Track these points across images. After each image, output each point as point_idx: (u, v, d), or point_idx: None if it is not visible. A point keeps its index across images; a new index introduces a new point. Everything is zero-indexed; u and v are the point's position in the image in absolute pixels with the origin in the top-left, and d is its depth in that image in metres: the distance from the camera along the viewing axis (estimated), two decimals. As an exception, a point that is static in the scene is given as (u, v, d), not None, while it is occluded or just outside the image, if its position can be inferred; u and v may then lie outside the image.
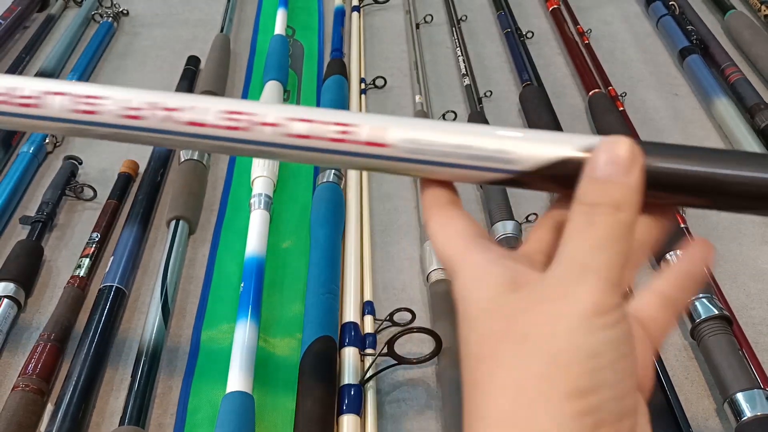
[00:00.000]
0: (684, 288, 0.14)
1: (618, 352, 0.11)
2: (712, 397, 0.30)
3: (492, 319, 0.12)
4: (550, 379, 0.11)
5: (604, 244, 0.11)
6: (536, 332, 0.11)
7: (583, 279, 0.11)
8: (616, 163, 0.12)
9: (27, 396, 0.29)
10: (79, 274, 0.35)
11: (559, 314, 0.11)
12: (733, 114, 0.45)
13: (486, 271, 0.12)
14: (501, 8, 0.58)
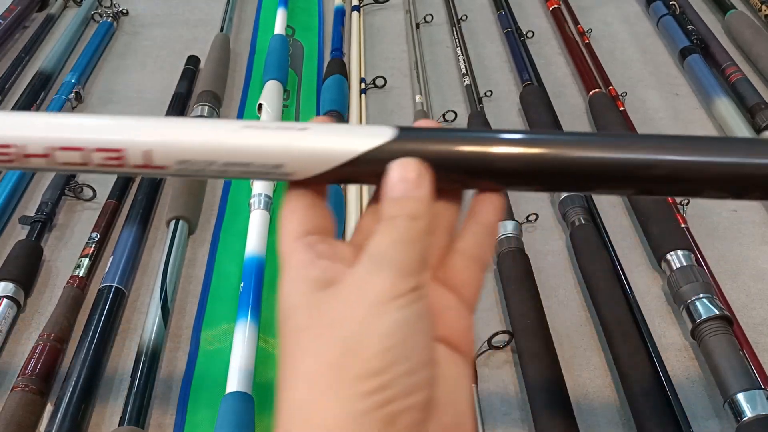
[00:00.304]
0: (482, 243, 0.15)
1: (409, 329, 0.12)
2: (713, 397, 0.30)
3: (298, 315, 0.12)
4: (343, 365, 0.11)
5: (402, 240, 0.13)
6: (334, 322, 0.12)
7: (379, 269, 0.12)
8: (407, 182, 0.13)
9: (26, 396, 0.29)
10: (78, 274, 0.35)
11: (355, 302, 0.12)
12: (734, 114, 0.45)
13: (301, 273, 0.13)
14: (501, 8, 0.58)
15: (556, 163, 0.13)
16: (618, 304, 0.32)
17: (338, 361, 0.11)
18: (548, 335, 0.31)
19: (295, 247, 0.13)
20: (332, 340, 0.12)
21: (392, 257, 0.12)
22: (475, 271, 0.14)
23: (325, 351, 0.12)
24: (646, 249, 0.37)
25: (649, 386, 0.29)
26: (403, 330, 0.12)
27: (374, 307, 0.12)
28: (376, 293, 0.12)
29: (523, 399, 0.30)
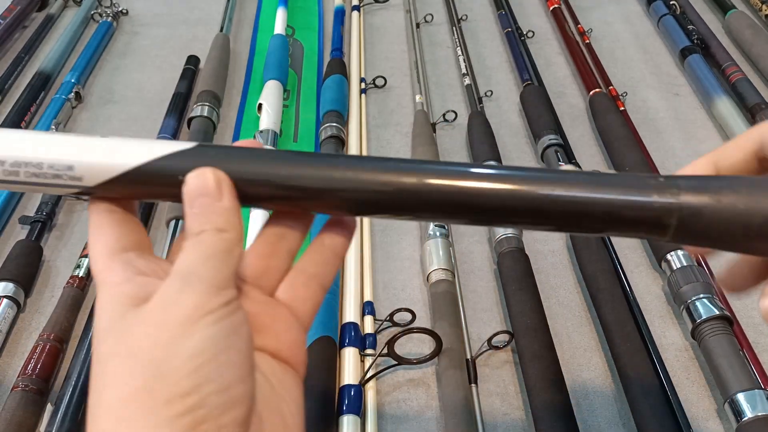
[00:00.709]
0: (324, 262, 0.15)
1: (220, 345, 0.11)
2: (713, 397, 0.30)
3: (108, 339, 0.12)
4: (150, 390, 0.11)
5: (210, 256, 0.12)
6: (140, 346, 0.11)
7: (186, 286, 0.12)
8: (206, 194, 0.13)
9: (26, 396, 0.29)
10: (78, 274, 0.35)
11: (161, 322, 0.12)
12: (734, 114, 0.45)
13: (116, 291, 0.12)
14: (501, 7, 0.57)
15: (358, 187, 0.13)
16: (618, 304, 0.32)
17: (145, 387, 0.11)
18: (548, 335, 0.31)
19: (110, 265, 0.13)
20: (138, 365, 0.11)
21: (200, 273, 0.12)
22: (313, 288, 0.14)
23: (131, 378, 0.11)
24: (646, 249, 0.37)
25: (649, 386, 0.29)
26: (214, 347, 0.11)
27: (181, 326, 0.11)
28: (184, 311, 0.11)
29: (524, 399, 0.30)
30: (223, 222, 0.13)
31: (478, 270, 0.36)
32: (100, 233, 0.13)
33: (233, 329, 0.12)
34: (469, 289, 0.35)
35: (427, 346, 0.30)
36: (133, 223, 0.14)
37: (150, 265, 0.13)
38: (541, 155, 0.43)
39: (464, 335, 0.31)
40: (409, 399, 0.30)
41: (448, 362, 0.30)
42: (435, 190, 0.13)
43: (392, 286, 0.35)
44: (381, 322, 0.32)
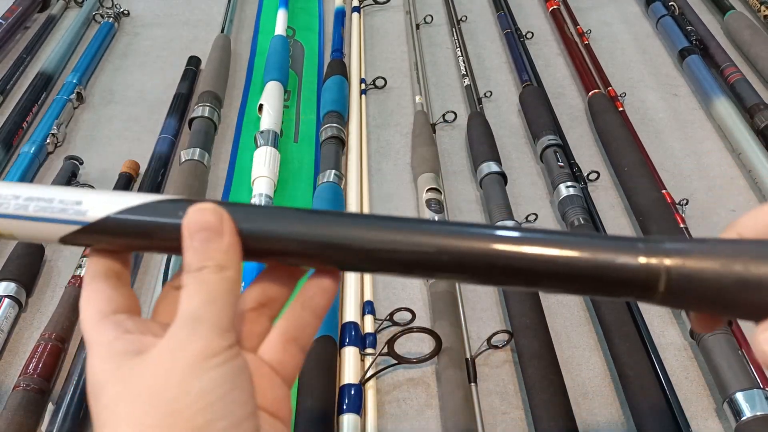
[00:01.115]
0: (304, 326, 0.15)
1: (228, 385, 0.12)
2: (712, 396, 0.30)
3: (109, 389, 0.12)
4: (168, 426, 0.11)
5: (214, 298, 0.13)
6: (152, 387, 0.12)
7: (194, 330, 0.12)
8: (207, 229, 0.13)
9: (28, 396, 0.29)
10: (79, 273, 0.35)
11: (171, 366, 0.12)
12: (733, 114, 0.45)
13: (108, 349, 0.13)
14: (501, 9, 0.58)
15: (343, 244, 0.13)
16: (617, 304, 0.32)
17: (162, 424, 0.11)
18: (548, 335, 0.31)
19: (100, 326, 0.13)
20: (152, 405, 0.12)
21: (206, 317, 0.12)
22: (294, 352, 0.14)
23: (146, 416, 0.12)
24: (645, 249, 0.38)
25: (648, 385, 0.29)
26: (223, 386, 0.12)
27: (191, 368, 0.12)
28: (194, 354, 0.12)
29: (523, 398, 0.30)
30: (224, 259, 0.13)
31: (478, 270, 0.37)
32: (93, 296, 0.14)
33: (240, 369, 0.13)
34: (468, 289, 0.35)
35: (427, 346, 0.30)
36: (125, 289, 0.14)
37: (138, 326, 0.13)
38: (540, 156, 0.43)
39: (464, 334, 0.31)
40: (409, 398, 0.30)
41: (447, 361, 0.30)
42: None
43: (392, 285, 0.36)
44: (381, 322, 0.33)
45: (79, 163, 0.43)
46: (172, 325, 0.13)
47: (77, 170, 0.42)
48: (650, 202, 0.38)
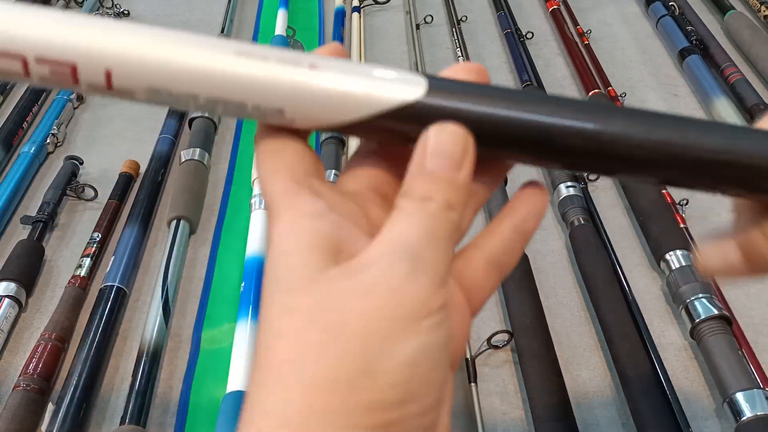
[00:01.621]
0: (511, 251, 0.12)
1: (434, 361, 0.10)
2: (712, 397, 0.30)
3: (305, 290, 0.10)
4: (355, 388, 0.09)
5: (438, 240, 0.10)
6: (353, 326, 0.09)
7: (414, 273, 0.10)
8: (447, 157, 0.10)
9: (28, 396, 0.29)
10: (80, 273, 0.35)
11: (381, 311, 0.09)
12: (733, 114, 0.45)
13: (308, 226, 0.10)
14: (501, 9, 0.58)
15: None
16: (617, 304, 0.32)
17: (349, 383, 0.09)
18: (548, 335, 0.31)
19: (297, 190, 0.10)
20: (350, 354, 0.09)
21: (429, 259, 0.10)
22: (495, 277, 0.12)
23: (338, 362, 0.09)
24: (645, 249, 0.37)
25: (648, 386, 0.29)
26: (428, 361, 0.09)
27: (404, 322, 0.09)
28: (411, 305, 0.09)
29: (523, 398, 0.30)
30: (455, 198, 0.10)
31: (478, 270, 0.37)
32: (282, 154, 0.11)
33: (445, 342, 0.10)
34: (468, 289, 0.35)
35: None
36: (310, 150, 0.11)
37: (340, 200, 0.11)
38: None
39: (464, 335, 0.32)
40: (409, 398, 0.30)
41: (447, 361, 0.30)
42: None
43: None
44: (381, 322, 0.32)
45: (79, 163, 0.43)
46: (382, 246, 0.10)
47: (77, 170, 0.42)
48: (650, 202, 0.38)
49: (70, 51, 0.10)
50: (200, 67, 0.10)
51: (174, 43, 0.11)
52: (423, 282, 0.10)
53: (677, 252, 0.35)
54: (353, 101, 0.11)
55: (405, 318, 0.09)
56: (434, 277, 0.10)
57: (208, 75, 0.10)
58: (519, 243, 0.12)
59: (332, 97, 0.11)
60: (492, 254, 0.12)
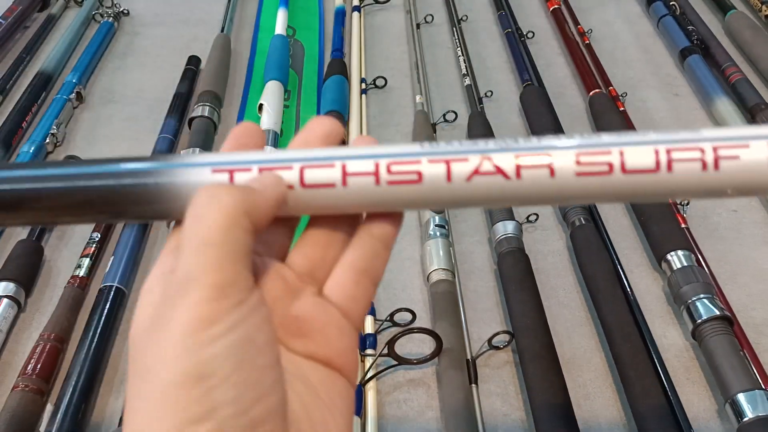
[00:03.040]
0: (374, 255, 0.13)
1: (233, 362, 0.10)
2: (714, 397, 0.30)
3: (134, 347, 0.11)
4: (161, 415, 0.10)
5: (206, 245, 0.10)
6: (152, 364, 0.10)
7: (185, 290, 0.10)
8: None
9: (27, 396, 0.29)
10: (79, 273, 0.35)
11: (167, 339, 0.10)
12: (734, 114, 0.45)
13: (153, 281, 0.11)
14: (501, 8, 0.57)
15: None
16: (618, 305, 0.32)
17: (157, 411, 0.10)
18: (549, 335, 0.31)
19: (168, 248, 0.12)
20: (152, 387, 0.10)
21: (197, 267, 0.10)
22: (365, 286, 0.13)
23: (147, 401, 0.10)
24: (646, 249, 0.37)
25: (649, 387, 0.29)
26: (225, 366, 0.10)
27: (184, 341, 0.10)
28: (183, 326, 0.10)
29: (524, 399, 0.30)
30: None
31: (479, 270, 0.36)
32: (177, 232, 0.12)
33: (245, 340, 0.10)
34: (469, 289, 0.35)
35: (428, 347, 0.30)
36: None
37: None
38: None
39: (464, 335, 0.31)
40: (410, 399, 0.30)
41: (448, 362, 0.30)
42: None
43: (392, 286, 0.35)
44: (381, 322, 0.32)
45: (78, 163, 0.43)
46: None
47: (77, 170, 0.42)
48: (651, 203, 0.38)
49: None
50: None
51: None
52: (194, 296, 0.10)
53: (678, 252, 0.34)
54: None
55: (184, 336, 0.10)
56: (208, 287, 0.10)
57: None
58: (380, 247, 0.13)
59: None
60: (355, 264, 0.13)
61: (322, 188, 0.12)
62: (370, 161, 0.12)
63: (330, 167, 0.12)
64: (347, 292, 0.13)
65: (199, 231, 0.11)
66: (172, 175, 0.12)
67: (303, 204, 0.12)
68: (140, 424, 0.10)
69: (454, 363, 0.30)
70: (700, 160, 0.12)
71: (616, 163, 0.12)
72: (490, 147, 0.12)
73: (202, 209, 0.11)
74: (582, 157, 0.12)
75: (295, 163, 0.12)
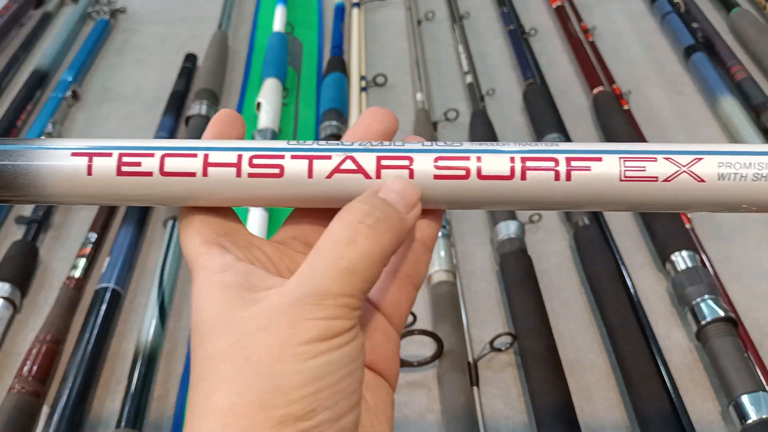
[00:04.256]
0: (417, 261, 0.13)
1: (340, 373, 0.11)
2: (717, 399, 0.30)
3: (219, 335, 0.11)
4: (266, 406, 0.10)
5: (357, 267, 0.11)
6: (260, 355, 0.11)
7: (320, 303, 0.11)
8: (404, 198, 0.12)
9: (22, 398, 0.28)
10: (75, 275, 0.35)
11: (287, 339, 0.11)
12: (739, 113, 0.45)
13: (218, 280, 0.12)
14: (504, 5, 0.57)
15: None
16: (622, 306, 0.32)
17: (261, 402, 0.10)
18: (551, 337, 0.31)
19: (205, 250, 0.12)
20: (256, 376, 0.10)
21: (339, 287, 0.11)
22: (408, 291, 0.13)
23: (247, 388, 0.10)
24: (650, 250, 0.37)
25: (653, 388, 0.28)
26: (338, 372, 0.11)
27: (306, 346, 0.11)
28: (311, 335, 0.11)
29: (526, 402, 0.30)
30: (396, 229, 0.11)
31: (480, 271, 0.36)
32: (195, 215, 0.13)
33: (353, 355, 0.11)
34: (470, 291, 0.34)
35: (428, 349, 0.30)
36: (218, 215, 0.13)
37: (247, 248, 0.12)
38: (544, 154, 0.42)
39: (466, 337, 0.31)
40: (410, 402, 0.30)
41: (449, 365, 0.29)
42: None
43: (393, 287, 0.35)
44: (381, 324, 0.32)
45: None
46: (296, 279, 0.11)
47: (73, 169, 0.42)
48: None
49: None
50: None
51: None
52: (327, 312, 0.11)
53: (683, 253, 0.34)
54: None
55: (307, 342, 0.11)
56: (341, 307, 0.11)
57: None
58: (422, 251, 0.13)
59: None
60: (400, 268, 0.13)
61: (182, 177, 0.12)
62: (233, 153, 0.12)
63: (192, 157, 0.12)
64: (391, 298, 0.13)
65: (350, 255, 0.11)
66: (31, 157, 0.12)
67: (165, 192, 0.12)
68: (236, 409, 0.10)
69: (455, 365, 0.29)
70: (554, 170, 0.12)
71: (473, 169, 0.12)
72: (355, 147, 0.13)
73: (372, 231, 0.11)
74: (441, 161, 0.12)
75: (157, 151, 0.12)
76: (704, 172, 0.12)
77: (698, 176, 0.12)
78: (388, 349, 0.13)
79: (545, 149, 0.12)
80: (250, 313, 0.11)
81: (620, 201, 0.12)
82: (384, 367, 0.13)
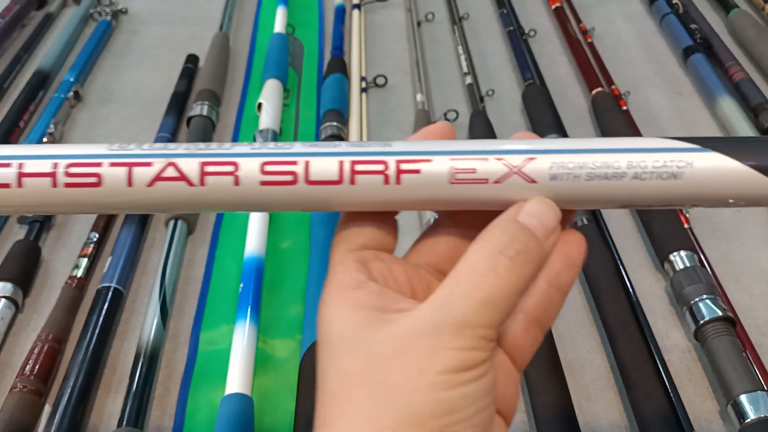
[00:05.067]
0: (550, 306, 0.13)
1: (476, 406, 0.11)
2: (716, 399, 0.30)
3: (354, 355, 0.11)
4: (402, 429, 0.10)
5: (496, 299, 0.11)
6: (397, 381, 0.11)
7: (458, 333, 0.11)
8: (543, 223, 0.12)
9: (24, 397, 0.28)
10: (77, 274, 0.35)
11: (424, 367, 0.11)
12: (737, 113, 0.45)
13: (351, 297, 0.12)
14: (503, 6, 0.57)
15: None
16: (620, 306, 0.32)
17: (396, 429, 0.10)
18: (550, 337, 0.31)
19: (345, 260, 0.12)
20: (392, 404, 0.10)
21: (478, 318, 0.11)
22: (536, 335, 0.13)
23: (384, 413, 0.10)
24: (648, 250, 0.37)
25: (651, 388, 0.28)
26: (474, 404, 0.11)
27: (444, 376, 0.10)
28: (449, 365, 0.10)
29: (525, 401, 0.30)
30: (534, 257, 0.11)
31: (480, 270, 0.36)
32: (350, 224, 0.13)
33: (489, 389, 0.11)
34: (470, 290, 0.35)
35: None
36: (388, 222, 0.13)
37: (384, 269, 0.12)
38: (543, 155, 0.43)
39: (465, 336, 0.31)
40: (410, 401, 0.30)
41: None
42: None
43: (393, 286, 0.35)
44: (381, 323, 0.32)
45: (76, 162, 0.42)
46: (432, 304, 0.11)
47: (74, 169, 0.42)
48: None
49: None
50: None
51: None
52: (465, 342, 0.11)
53: (681, 253, 0.34)
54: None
55: (445, 372, 0.11)
56: (479, 338, 0.11)
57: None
58: (556, 298, 0.13)
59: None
60: (530, 312, 0.13)
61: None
62: (48, 162, 0.12)
63: (6, 167, 0.12)
64: (516, 341, 0.13)
65: (489, 286, 0.11)
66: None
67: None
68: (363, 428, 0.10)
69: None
70: (383, 174, 0.12)
71: (301, 174, 0.12)
72: (179, 152, 0.12)
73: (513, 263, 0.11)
74: (267, 166, 0.12)
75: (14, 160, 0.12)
76: (536, 173, 0.12)
77: (529, 177, 0.12)
78: (509, 390, 0.12)
79: (376, 151, 0.12)
80: (384, 335, 0.11)
81: (452, 202, 0.12)
82: (503, 406, 0.12)
